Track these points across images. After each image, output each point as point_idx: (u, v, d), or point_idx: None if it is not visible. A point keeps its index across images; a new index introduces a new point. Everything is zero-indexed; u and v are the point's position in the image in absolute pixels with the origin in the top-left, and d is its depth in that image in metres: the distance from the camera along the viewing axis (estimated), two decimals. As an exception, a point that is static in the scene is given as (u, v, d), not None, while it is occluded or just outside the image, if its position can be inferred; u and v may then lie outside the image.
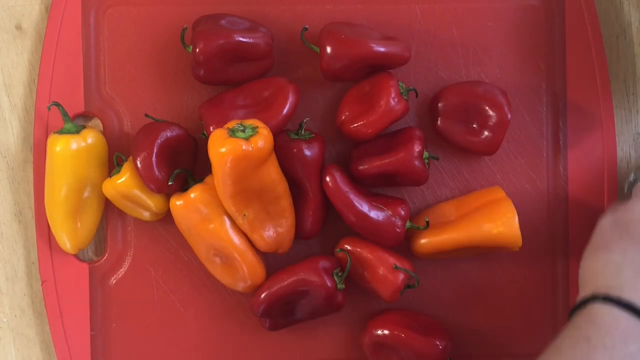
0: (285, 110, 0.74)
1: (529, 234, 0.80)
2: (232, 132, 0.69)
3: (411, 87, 0.77)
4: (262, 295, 0.74)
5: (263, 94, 0.75)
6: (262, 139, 0.69)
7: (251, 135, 0.69)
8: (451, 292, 0.80)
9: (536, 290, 0.80)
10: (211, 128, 0.73)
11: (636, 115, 0.82)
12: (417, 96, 0.78)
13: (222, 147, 0.69)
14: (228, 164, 0.69)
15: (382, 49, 0.74)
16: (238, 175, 0.70)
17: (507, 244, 0.75)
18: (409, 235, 0.77)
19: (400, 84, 0.75)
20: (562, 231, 0.81)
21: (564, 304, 0.80)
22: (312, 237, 0.77)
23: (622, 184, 0.81)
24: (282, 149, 0.74)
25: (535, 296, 0.80)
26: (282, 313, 0.75)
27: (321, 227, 0.77)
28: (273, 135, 0.71)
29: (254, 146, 0.69)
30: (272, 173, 0.72)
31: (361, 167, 0.75)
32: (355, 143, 0.77)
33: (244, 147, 0.68)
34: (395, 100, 0.74)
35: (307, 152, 0.74)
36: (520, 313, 0.80)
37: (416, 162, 0.74)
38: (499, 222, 0.75)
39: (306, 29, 0.76)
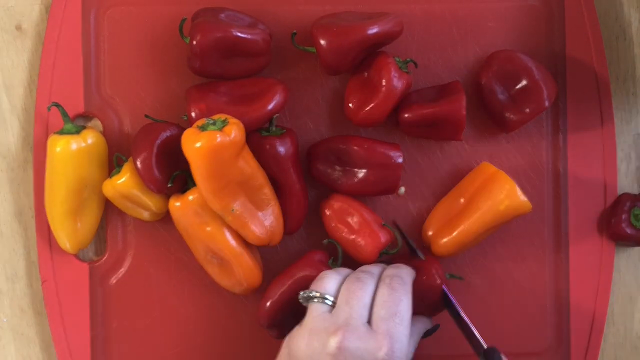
0: (269, 107, 0.74)
1: (530, 234, 0.80)
2: (203, 128, 0.69)
3: (408, 59, 0.77)
4: (267, 305, 0.73)
5: (251, 89, 0.75)
6: (235, 128, 0.69)
7: (223, 127, 0.69)
8: (451, 292, 0.80)
9: (536, 290, 0.80)
10: (192, 112, 0.73)
11: (636, 115, 0.83)
12: (416, 66, 0.78)
13: (197, 142, 0.68)
14: (207, 158, 0.69)
15: (375, 30, 0.73)
16: (218, 168, 0.69)
17: (517, 213, 0.76)
18: (427, 240, 0.78)
19: (397, 59, 0.75)
20: (563, 231, 0.81)
21: (565, 303, 0.80)
22: (295, 232, 0.77)
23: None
24: (255, 147, 0.74)
25: (536, 296, 0.80)
26: (288, 320, 0.75)
27: (303, 221, 0.77)
28: (249, 131, 0.71)
29: (229, 136, 0.69)
30: (251, 162, 0.72)
31: (407, 115, 0.76)
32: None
33: (219, 138, 0.68)
34: (397, 75, 0.74)
35: (280, 148, 0.74)
36: (520, 313, 0.80)
37: (464, 112, 0.75)
38: (503, 197, 0.75)
39: (295, 33, 0.76)
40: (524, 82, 0.76)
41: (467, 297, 0.80)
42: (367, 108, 0.75)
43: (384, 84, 0.74)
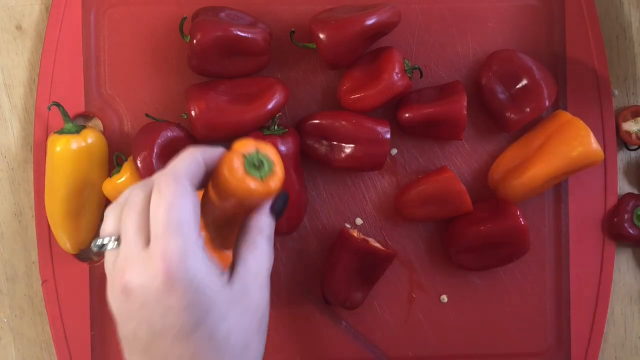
0: (269, 106, 0.74)
1: (530, 234, 0.80)
2: (248, 165, 0.60)
3: (416, 66, 0.77)
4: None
5: (252, 88, 0.75)
6: (276, 181, 0.60)
7: (267, 176, 0.60)
8: (451, 293, 0.80)
9: (536, 290, 0.80)
10: (192, 110, 0.73)
11: (636, 115, 0.83)
12: (421, 76, 0.78)
13: (243, 184, 0.60)
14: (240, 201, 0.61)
15: (373, 20, 0.73)
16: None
17: (589, 162, 0.75)
18: (493, 185, 0.79)
19: (406, 62, 0.75)
20: (563, 231, 0.81)
21: (565, 303, 0.80)
22: (294, 231, 0.77)
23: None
24: None
25: (536, 296, 0.80)
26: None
27: (302, 220, 0.77)
28: (249, 130, 0.71)
29: (266, 187, 0.60)
30: None
31: (407, 115, 0.76)
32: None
33: (253, 188, 0.60)
34: (399, 76, 0.74)
35: (282, 148, 0.74)
36: (520, 313, 0.80)
37: (464, 112, 0.75)
38: (576, 143, 0.75)
39: (293, 32, 0.76)
40: (524, 82, 0.76)
41: (467, 297, 0.80)
42: (358, 95, 0.75)
43: (384, 78, 0.74)
